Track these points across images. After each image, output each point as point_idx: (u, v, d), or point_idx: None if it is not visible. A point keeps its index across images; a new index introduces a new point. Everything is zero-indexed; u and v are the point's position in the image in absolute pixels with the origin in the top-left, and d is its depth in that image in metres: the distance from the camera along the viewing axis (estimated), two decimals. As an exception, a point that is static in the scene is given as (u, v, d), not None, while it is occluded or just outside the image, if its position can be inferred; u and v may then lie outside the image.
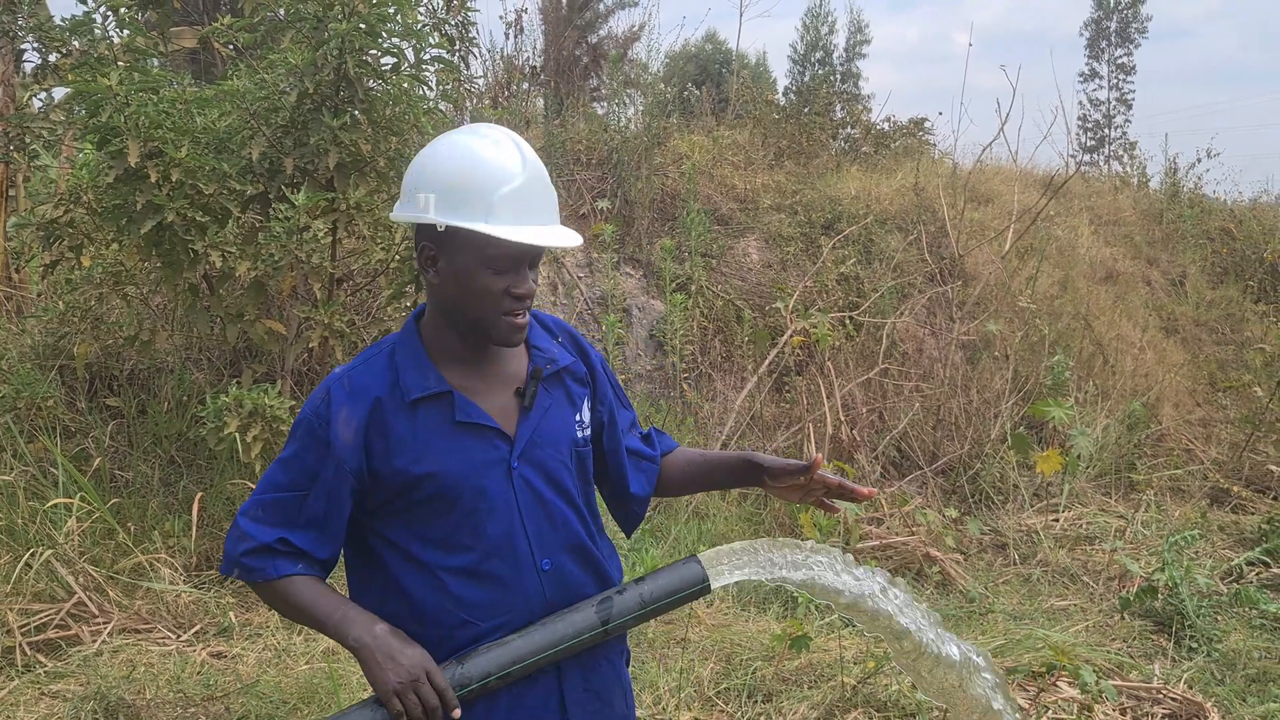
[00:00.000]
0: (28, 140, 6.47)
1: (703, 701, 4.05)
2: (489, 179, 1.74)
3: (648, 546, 5.18)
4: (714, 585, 1.89)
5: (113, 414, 5.58)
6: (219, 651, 4.38)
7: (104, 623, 4.44)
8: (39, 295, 6.20)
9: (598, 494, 2.08)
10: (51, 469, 5.01)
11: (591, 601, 1.86)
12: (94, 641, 4.31)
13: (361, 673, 4.11)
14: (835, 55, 33.22)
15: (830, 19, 34.00)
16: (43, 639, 4.29)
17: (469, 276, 1.77)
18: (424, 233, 1.81)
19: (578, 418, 1.95)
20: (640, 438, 2.13)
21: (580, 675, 1.90)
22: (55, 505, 4.74)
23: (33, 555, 4.48)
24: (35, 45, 6.90)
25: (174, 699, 3.92)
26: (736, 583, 1.91)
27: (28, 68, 7.31)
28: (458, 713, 1.73)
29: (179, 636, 4.47)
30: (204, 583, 4.86)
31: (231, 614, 4.61)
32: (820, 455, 2.03)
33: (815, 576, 1.88)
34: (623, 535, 2.34)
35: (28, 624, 4.30)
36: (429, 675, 1.72)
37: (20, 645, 4.17)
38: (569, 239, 1.83)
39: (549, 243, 1.77)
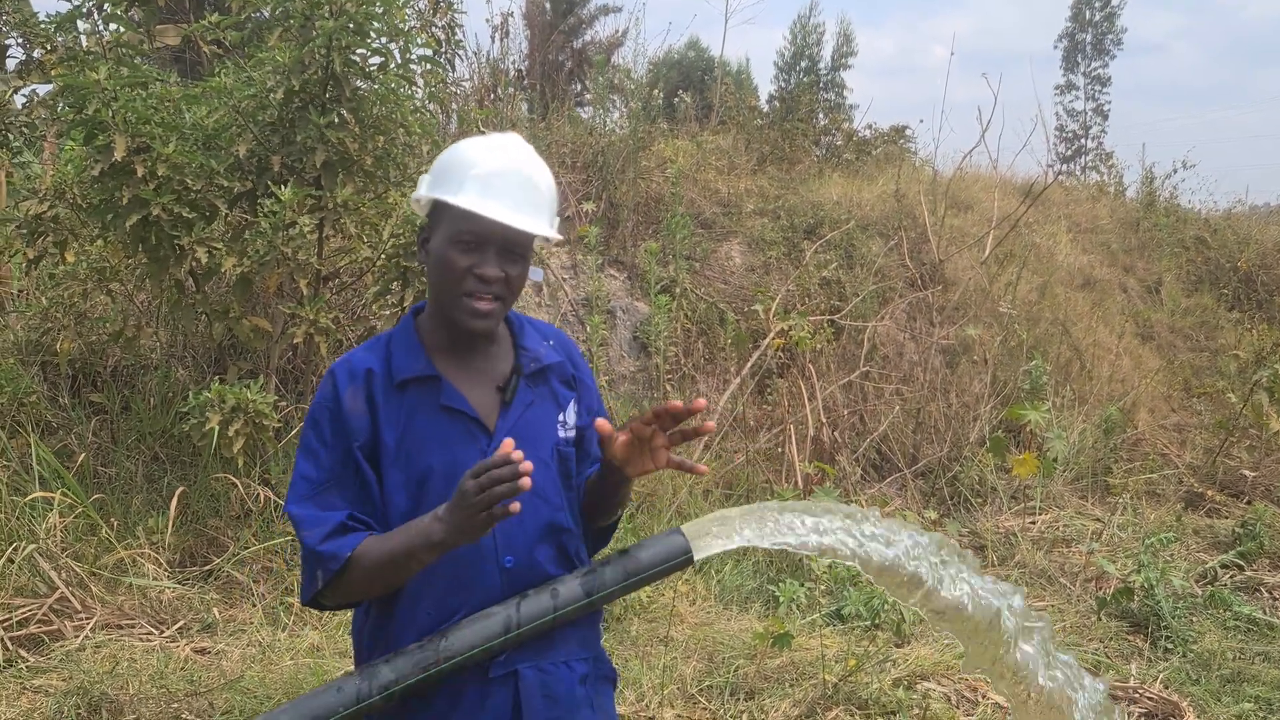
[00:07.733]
0: (10, 137, 6.44)
1: (685, 699, 4.08)
2: (468, 160, 1.83)
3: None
4: (697, 557, 1.88)
5: (96, 410, 5.56)
6: (202, 648, 4.37)
7: (86, 618, 4.42)
8: (20, 292, 6.17)
9: None
10: (35, 465, 4.99)
11: (576, 574, 1.85)
12: (76, 637, 4.29)
13: (342, 668, 4.10)
14: (820, 65, 33.34)
15: (819, 30, 34.10)
16: (25, 634, 4.27)
17: (441, 253, 1.82)
18: (429, 215, 1.89)
19: (561, 418, 1.94)
20: None
21: (538, 679, 1.85)
22: (36, 499, 4.72)
23: (15, 550, 4.47)
24: (19, 41, 6.87)
25: (157, 694, 3.91)
26: (719, 554, 1.87)
27: (10, 64, 7.26)
28: (527, 465, 1.62)
29: (161, 632, 4.45)
30: (186, 579, 4.85)
31: (215, 610, 4.60)
32: (679, 403, 1.78)
33: (802, 539, 1.84)
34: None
35: (10, 619, 4.28)
36: (471, 474, 1.64)
37: (2, 640, 4.16)
38: (534, 226, 1.80)
39: (500, 218, 1.76)
